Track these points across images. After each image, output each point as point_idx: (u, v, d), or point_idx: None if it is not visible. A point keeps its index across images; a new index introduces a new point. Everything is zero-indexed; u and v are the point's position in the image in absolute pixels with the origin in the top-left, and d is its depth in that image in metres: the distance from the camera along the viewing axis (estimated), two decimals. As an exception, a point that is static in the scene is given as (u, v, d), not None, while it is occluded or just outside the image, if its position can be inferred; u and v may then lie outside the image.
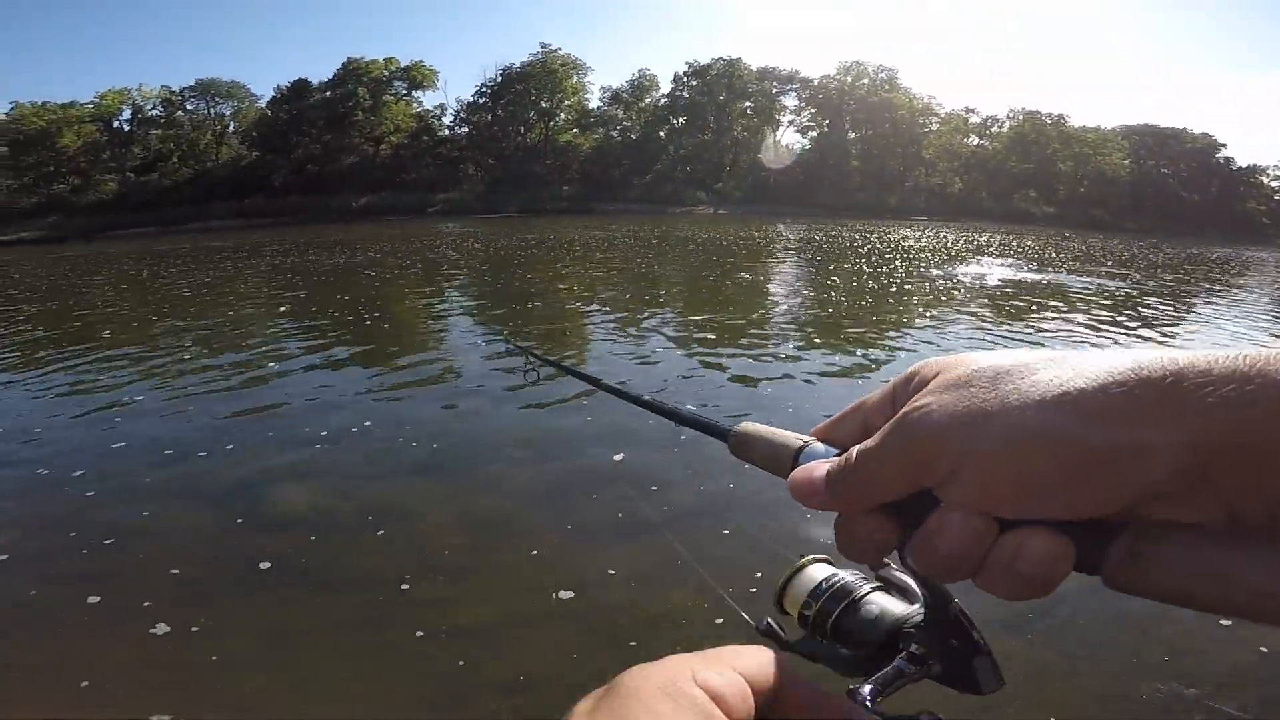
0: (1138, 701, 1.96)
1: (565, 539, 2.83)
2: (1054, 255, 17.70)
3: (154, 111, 47.05)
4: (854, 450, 0.33)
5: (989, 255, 16.76)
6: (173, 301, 9.23)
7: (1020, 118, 53.59)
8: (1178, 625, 2.20)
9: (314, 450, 3.78)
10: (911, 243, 20.03)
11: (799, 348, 6.08)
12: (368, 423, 4.18)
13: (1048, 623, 2.24)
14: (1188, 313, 9.28)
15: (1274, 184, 54.40)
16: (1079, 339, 6.86)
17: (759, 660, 0.30)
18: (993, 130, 54.83)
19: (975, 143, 54.67)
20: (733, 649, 0.31)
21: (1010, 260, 15.56)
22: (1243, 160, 53.78)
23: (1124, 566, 0.26)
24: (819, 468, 0.34)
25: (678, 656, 0.29)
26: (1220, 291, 12.14)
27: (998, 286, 10.78)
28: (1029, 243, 22.30)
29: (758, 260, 14.54)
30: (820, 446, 0.38)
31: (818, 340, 6.42)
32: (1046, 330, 7.17)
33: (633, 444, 3.66)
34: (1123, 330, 7.43)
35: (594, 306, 8.26)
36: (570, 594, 2.45)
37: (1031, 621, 2.24)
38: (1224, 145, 53.23)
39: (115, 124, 45.80)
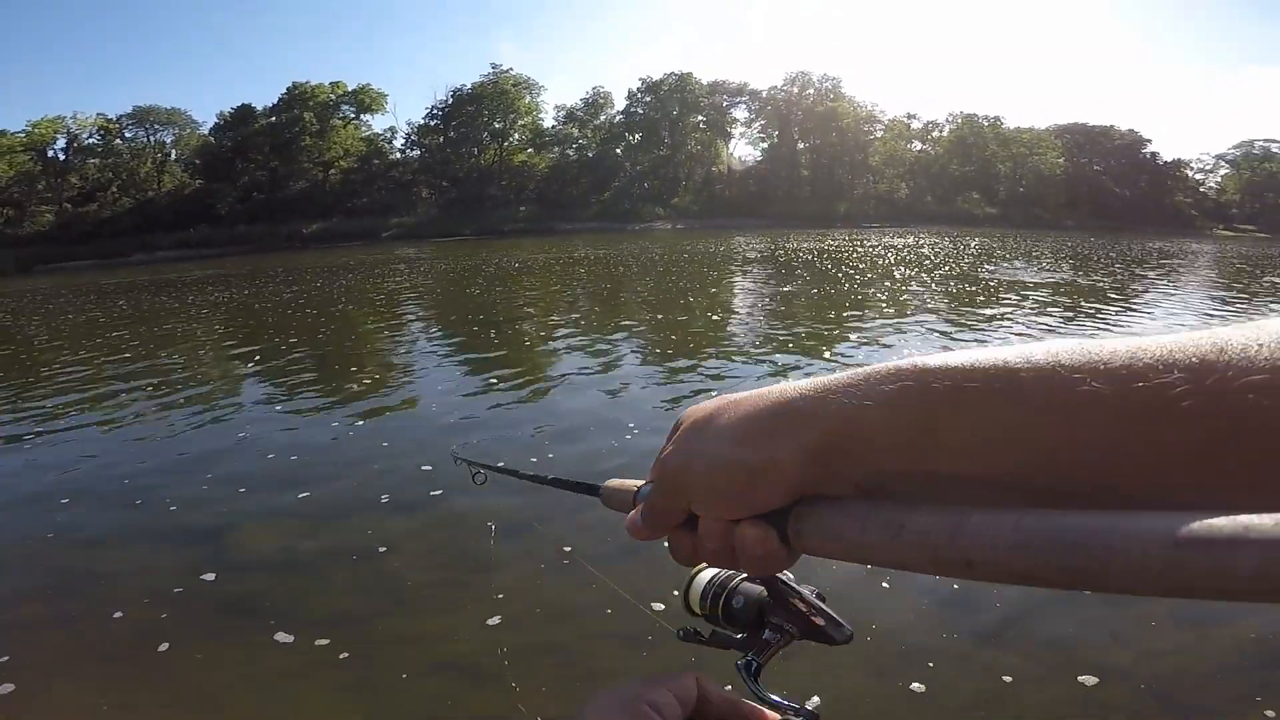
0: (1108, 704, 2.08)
1: (536, 571, 2.85)
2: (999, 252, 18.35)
3: (90, 140, 45.60)
4: (647, 494, 0.43)
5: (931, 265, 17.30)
6: (116, 341, 8.87)
7: (959, 121, 55.66)
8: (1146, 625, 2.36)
9: (275, 491, 3.76)
10: (860, 252, 20.53)
11: (765, 363, 6.24)
12: (326, 460, 4.16)
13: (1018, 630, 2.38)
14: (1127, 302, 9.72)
15: (1198, 176, 57.56)
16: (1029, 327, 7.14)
17: (682, 684, 0.39)
18: (934, 135, 56.84)
19: (918, 148, 56.58)
20: (665, 675, 0.39)
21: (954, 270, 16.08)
22: (1167, 155, 56.87)
23: (795, 537, 0.36)
24: (636, 513, 0.44)
25: (626, 683, 0.37)
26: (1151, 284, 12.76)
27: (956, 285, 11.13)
28: (973, 244, 23.06)
29: (719, 276, 14.74)
30: (649, 486, 0.46)
31: (781, 354, 6.58)
32: (997, 322, 7.47)
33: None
34: (1060, 319, 7.77)
35: (559, 334, 8.26)
36: (546, 623, 2.48)
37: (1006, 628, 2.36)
38: (1149, 140, 56.21)
39: (50, 153, 44.23)
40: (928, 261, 17.06)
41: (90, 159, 45.58)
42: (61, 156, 44.83)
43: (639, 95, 52.61)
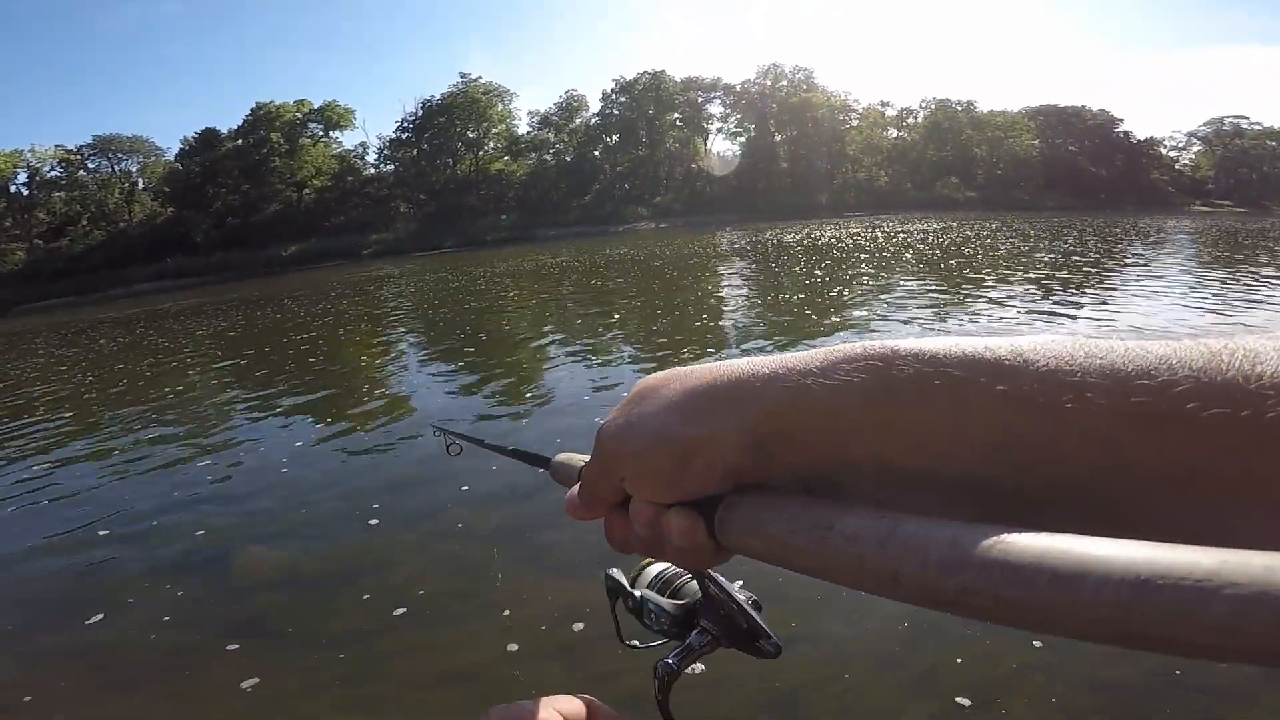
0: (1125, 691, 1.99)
1: (540, 576, 2.84)
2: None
3: (53, 173, 44.44)
4: (583, 466, 0.40)
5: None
6: (107, 378, 8.55)
7: (933, 106, 56.03)
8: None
9: (273, 513, 3.78)
10: (846, 241, 20.51)
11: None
12: (322, 480, 4.18)
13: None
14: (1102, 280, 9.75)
15: (1172, 154, 58.48)
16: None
17: (568, 706, 0.38)
18: (909, 122, 57.18)
19: (894, 135, 56.91)
20: (558, 697, 0.39)
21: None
22: (1139, 134, 57.66)
23: (721, 530, 0.33)
24: (575, 489, 0.41)
25: (527, 701, 0.36)
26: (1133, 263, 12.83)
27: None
28: (955, 228, 23.14)
29: (704, 272, 14.58)
30: None
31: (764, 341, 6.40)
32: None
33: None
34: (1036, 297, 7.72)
35: (547, 340, 8.05)
36: (558, 628, 2.46)
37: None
38: (1121, 120, 56.94)
39: (12, 189, 43.04)
40: (914, 247, 17.06)
41: (55, 192, 44.43)
42: (25, 191, 43.70)
43: (613, 96, 52.38)
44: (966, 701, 1.97)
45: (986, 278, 10.91)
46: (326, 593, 2.89)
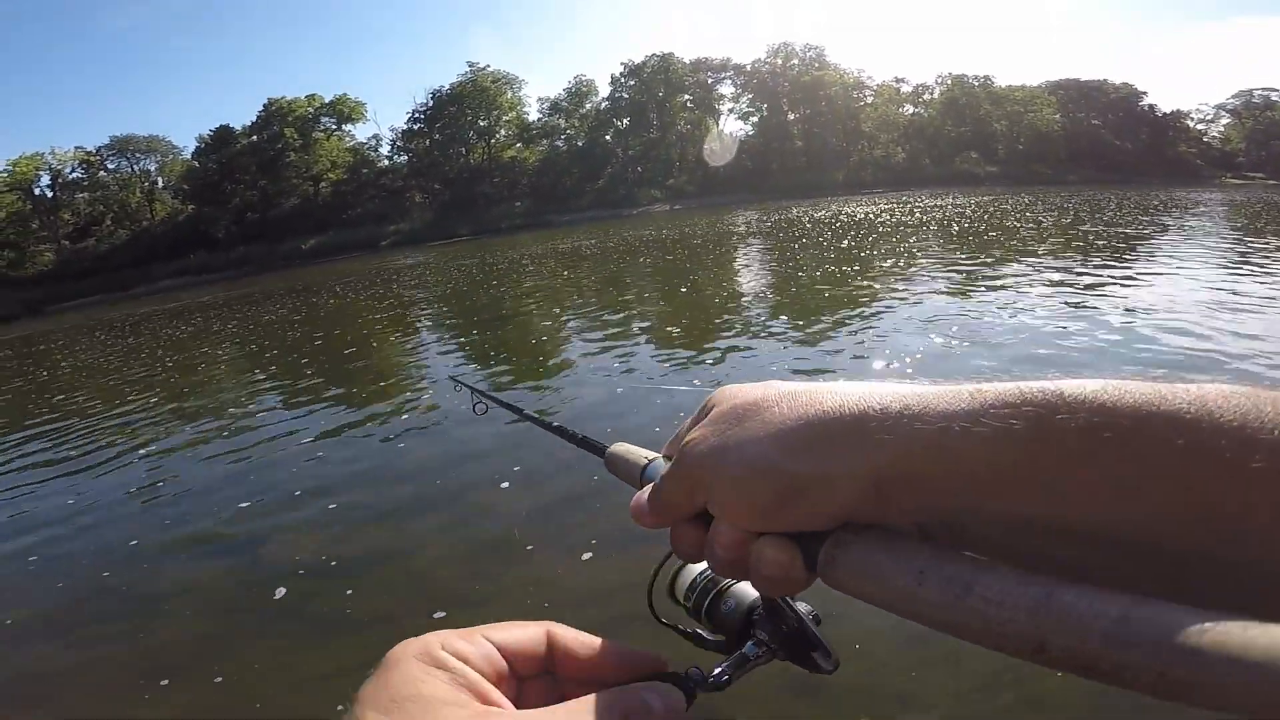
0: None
1: (564, 556, 2.85)
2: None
3: (74, 174, 45.15)
4: (660, 476, 0.38)
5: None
6: (141, 374, 8.77)
7: (949, 82, 55.10)
8: None
9: (303, 501, 3.79)
10: (867, 217, 20.35)
11: (775, 335, 6.19)
12: (351, 467, 4.19)
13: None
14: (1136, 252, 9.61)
15: (1199, 127, 57.14)
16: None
17: (519, 633, 0.35)
18: (925, 98, 56.30)
19: (910, 111, 56.02)
20: (502, 624, 0.35)
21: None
22: (1165, 108, 56.14)
23: (826, 567, 0.30)
24: (645, 493, 0.39)
25: (437, 632, 0.33)
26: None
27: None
28: (977, 202, 22.79)
29: (722, 253, 14.59)
30: (661, 462, 0.43)
31: (793, 328, 6.47)
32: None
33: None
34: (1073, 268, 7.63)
35: (568, 322, 8.14)
36: (582, 608, 2.48)
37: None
38: (1145, 93, 55.67)
39: (36, 191, 43.80)
40: (955, 221, 16.90)
41: (78, 193, 45.16)
42: (49, 193, 44.44)
43: (622, 80, 52.10)
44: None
45: (1039, 250, 10.72)
46: (357, 578, 2.89)
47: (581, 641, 0.36)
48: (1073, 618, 0.22)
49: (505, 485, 3.59)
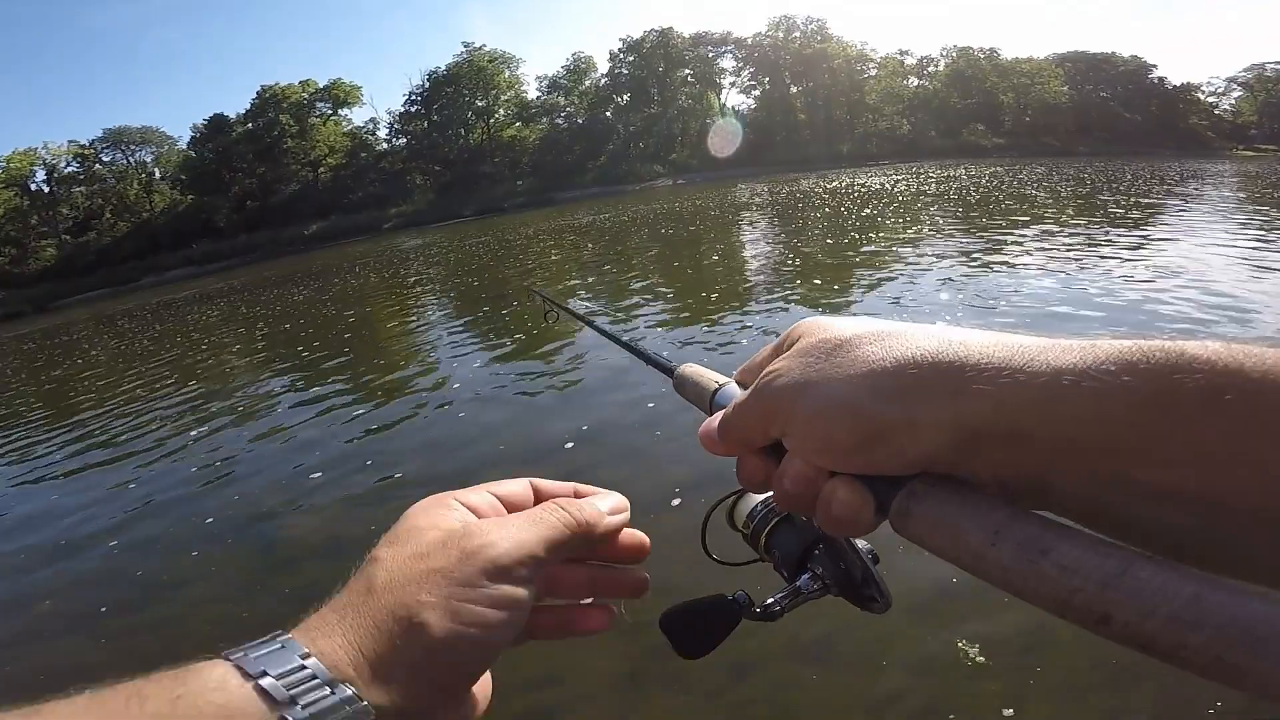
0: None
1: (650, 511, 2.80)
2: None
3: (70, 169, 44.68)
4: (733, 404, 0.37)
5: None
6: (154, 366, 8.63)
7: (954, 55, 54.29)
8: None
9: (314, 481, 3.75)
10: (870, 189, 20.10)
11: (782, 299, 6.19)
12: (364, 447, 4.15)
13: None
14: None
15: (1210, 100, 56.44)
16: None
17: (510, 485, 0.40)
18: (930, 70, 55.48)
19: (915, 84, 55.25)
20: (496, 481, 0.40)
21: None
22: (1175, 81, 55.39)
23: (899, 515, 0.30)
24: (715, 420, 0.38)
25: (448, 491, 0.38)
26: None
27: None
28: (985, 172, 22.45)
29: (726, 225, 14.42)
30: (734, 388, 0.42)
31: (799, 292, 6.43)
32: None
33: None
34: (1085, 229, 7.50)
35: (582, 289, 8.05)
36: (679, 550, 2.45)
37: None
38: (1155, 66, 54.91)
39: (33, 186, 43.46)
40: (971, 192, 16.70)
41: (75, 187, 44.76)
42: (46, 188, 44.08)
43: (621, 56, 51.40)
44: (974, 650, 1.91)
45: (1064, 216, 10.58)
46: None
47: (559, 487, 0.41)
48: (1145, 595, 0.22)
49: (570, 445, 3.57)
